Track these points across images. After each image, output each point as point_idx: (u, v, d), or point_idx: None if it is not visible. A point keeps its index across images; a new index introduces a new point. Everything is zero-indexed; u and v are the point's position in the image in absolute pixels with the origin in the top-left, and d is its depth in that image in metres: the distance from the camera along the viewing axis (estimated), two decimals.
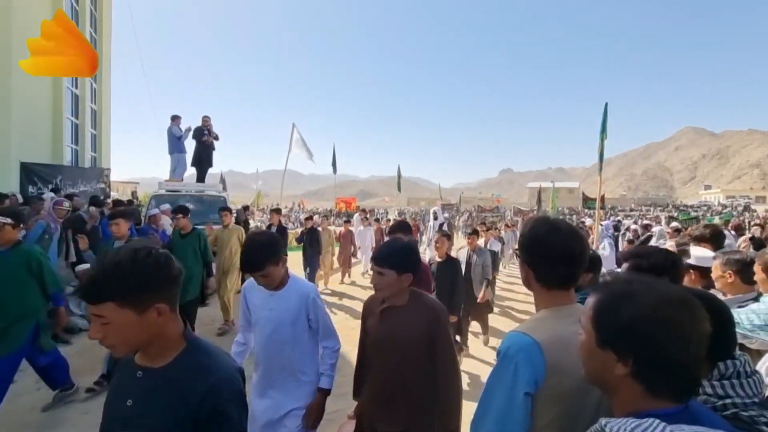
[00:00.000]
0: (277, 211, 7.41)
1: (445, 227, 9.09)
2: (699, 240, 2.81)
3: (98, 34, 13.49)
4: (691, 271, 2.37)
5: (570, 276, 1.15)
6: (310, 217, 8.87)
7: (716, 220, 16.85)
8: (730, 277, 1.86)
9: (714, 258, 1.97)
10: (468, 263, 5.21)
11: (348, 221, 10.52)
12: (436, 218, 10.67)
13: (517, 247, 1.27)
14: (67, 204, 5.98)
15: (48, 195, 6.08)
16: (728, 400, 0.93)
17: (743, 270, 1.93)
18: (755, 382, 0.90)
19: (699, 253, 2.21)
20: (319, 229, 9.06)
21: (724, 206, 50.56)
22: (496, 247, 7.32)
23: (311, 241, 8.03)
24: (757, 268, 2.00)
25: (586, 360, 0.88)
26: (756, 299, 1.86)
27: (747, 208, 47.88)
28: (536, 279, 1.18)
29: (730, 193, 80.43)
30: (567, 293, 1.17)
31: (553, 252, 1.14)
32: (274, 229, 7.06)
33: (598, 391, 1.06)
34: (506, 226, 14.26)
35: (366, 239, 10.61)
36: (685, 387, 0.77)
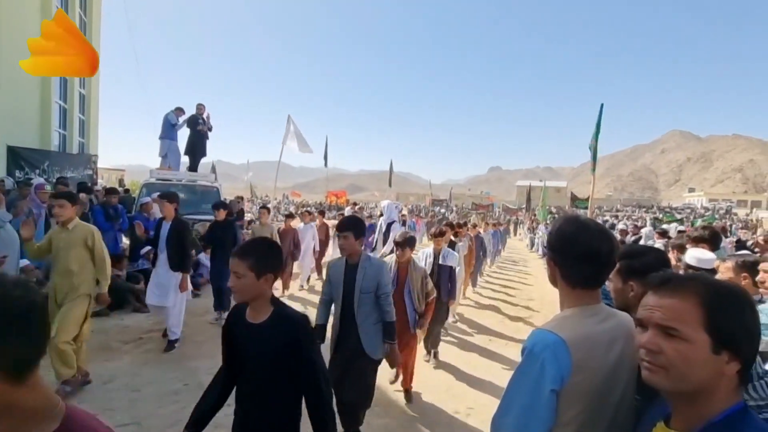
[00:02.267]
0: (169, 197, 4.62)
1: (397, 230, 6.36)
2: (698, 241, 2.88)
3: (88, 16, 13.10)
4: (689, 271, 2.44)
5: (595, 276, 1.16)
6: (222, 205, 5.61)
7: (699, 223, 17.30)
8: (745, 279, 1.90)
9: (724, 260, 2.00)
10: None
11: (290, 216, 7.86)
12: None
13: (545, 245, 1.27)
14: (48, 187, 5.86)
15: (37, 180, 5.93)
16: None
17: (755, 273, 1.96)
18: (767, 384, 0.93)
19: (699, 255, 2.26)
20: (253, 224, 7.40)
21: (707, 209, 51.78)
22: (452, 260, 4.52)
23: (224, 242, 5.27)
24: (763, 274, 2.00)
25: (693, 370, 0.79)
26: (761, 301, 1.91)
27: (728, 211, 49.15)
28: (562, 277, 1.18)
29: (713, 196, 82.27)
30: (592, 292, 1.18)
31: (580, 251, 1.13)
32: (166, 225, 4.56)
33: (620, 390, 1.09)
34: (486, 224, 12.03)
35: (306, 239, 7.80)
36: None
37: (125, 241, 7.34)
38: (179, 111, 9.19)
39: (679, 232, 7.91)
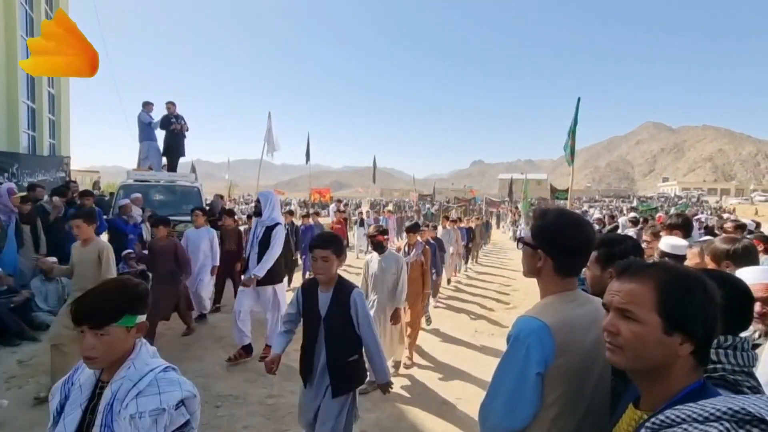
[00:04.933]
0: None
1: (278, 238, 4.24)
2: (673, 228, 3.06)
3: (53, 11, 12.58)
4: (664, 258, 2.54)
5: (584, 265, 1.28)
6: None
7: (672, 211, 17.94)
8: (710, 264, 2.01)
9: (691, 246, 2.10)
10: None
11: (156, 220, 5.14)
12: (259, 214, 4.40)
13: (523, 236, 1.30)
14: (16, 189, 5.66)
15: (7, 184, 5.69)
16: (719, 365, 1.00)
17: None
18: (748, 356, 0.99)
19: (674, 242, 2.37)
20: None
21: (680, 197, 53.71)
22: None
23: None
24: (706, 257, 2.13)
25: (646, 350, 0.84)
26: None
27: (699, 199, 51.16)
28: (555, 268, 1.22)
29: (686, 185, 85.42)
30: (574, 279, 1.25)
31: (579, 243, 1.21)
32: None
33: (597, 370, 1.15)
34: (447, 219, 9.41)
35: (200, 248, 5.56)
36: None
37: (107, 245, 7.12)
38: (149, 106, 8.92)
39: (634, 221, 8.20)
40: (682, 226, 3.11)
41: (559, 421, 1.10)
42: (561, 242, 1.21)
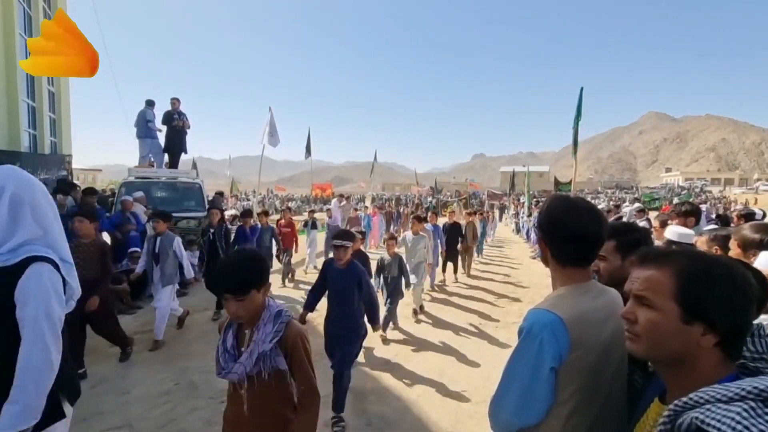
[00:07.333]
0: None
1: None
2: (688, 214, 3.11)
3: (52, 9, 12.51)
4: (673, 246, 2.52)
5: (584, 255, 1.17)
6: None
7: (676, 201, 17.87)
8: (717, 251, 1.98)
9: (701, 234, 2.07)
10: None
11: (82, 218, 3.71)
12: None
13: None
14: None
15: None
16: None
17: (727, 246, 2.04)
18: (767, 342, 0.97)
19: (680, 230, 2.34)
20: None
21: (683, 188, 53.41)
22: None
23: None
24: (732, 243, 2.09)
25: (664, 339, 0.81)
26: None
27: (702, 189, 50.88)
28: (552, 256, 1.20)
29: (689, 175, 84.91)
30: (583, 270, 1.19)
31: (568, 230, 1.15)
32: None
33: (614, 365, 1.11)
34: (420, 219, 6.53)
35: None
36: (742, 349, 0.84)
37: (107, 242, 7.14)
38: (152, 104, 8.94)
39: (641, 211, 8.10)
40: (696, 213, 3.21)
41: (573, 417, 1.06)
42: (553, 229, 1.18)
